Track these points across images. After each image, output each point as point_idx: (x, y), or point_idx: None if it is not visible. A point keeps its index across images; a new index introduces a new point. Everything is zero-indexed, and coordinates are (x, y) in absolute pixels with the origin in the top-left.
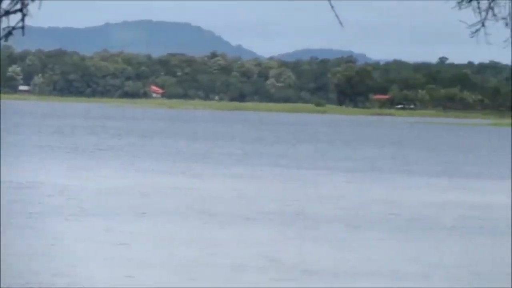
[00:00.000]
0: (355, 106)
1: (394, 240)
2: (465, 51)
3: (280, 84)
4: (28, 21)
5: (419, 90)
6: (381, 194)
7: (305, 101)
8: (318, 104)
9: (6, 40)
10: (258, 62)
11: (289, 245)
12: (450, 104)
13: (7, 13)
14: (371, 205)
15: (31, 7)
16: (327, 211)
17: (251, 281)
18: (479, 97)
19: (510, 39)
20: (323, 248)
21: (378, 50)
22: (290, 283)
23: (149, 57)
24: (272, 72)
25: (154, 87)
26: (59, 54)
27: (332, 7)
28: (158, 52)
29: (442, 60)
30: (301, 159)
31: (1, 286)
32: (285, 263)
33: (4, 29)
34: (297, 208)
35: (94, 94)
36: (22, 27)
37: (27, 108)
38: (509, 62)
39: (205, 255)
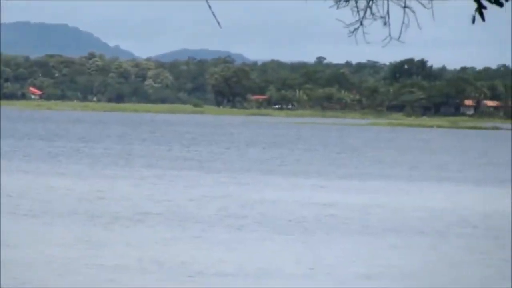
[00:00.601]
0: (233, 106)
1: (276, 241)
2: (343, 51)
3: (157, 85)
4: None
5: (297, 90)
6: (263, 195)
7: (183, 101)
8: (196, 105)
9: None
10: (135, 63)
11: (172, 246)
12: (328, 104)
13: None
14: (252, 205)
15: None
16: (209, 212)
17: (134, 282)
18: (357, 96)
19: (388, 38)
20: (207, 249)
21: (256, 50)
22: (174, 284)
23: (27, 58)
24: (150, 73)
25: (32, 89)
26: None
27: (210, 7)
28: (36, 53)
29: (320, 59)
30: (182, 160)
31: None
32: (168, 264)
33: None
34: (179, 209)
35: None
36: None
37: None
38: (387, 61)
39: (87, 256)
